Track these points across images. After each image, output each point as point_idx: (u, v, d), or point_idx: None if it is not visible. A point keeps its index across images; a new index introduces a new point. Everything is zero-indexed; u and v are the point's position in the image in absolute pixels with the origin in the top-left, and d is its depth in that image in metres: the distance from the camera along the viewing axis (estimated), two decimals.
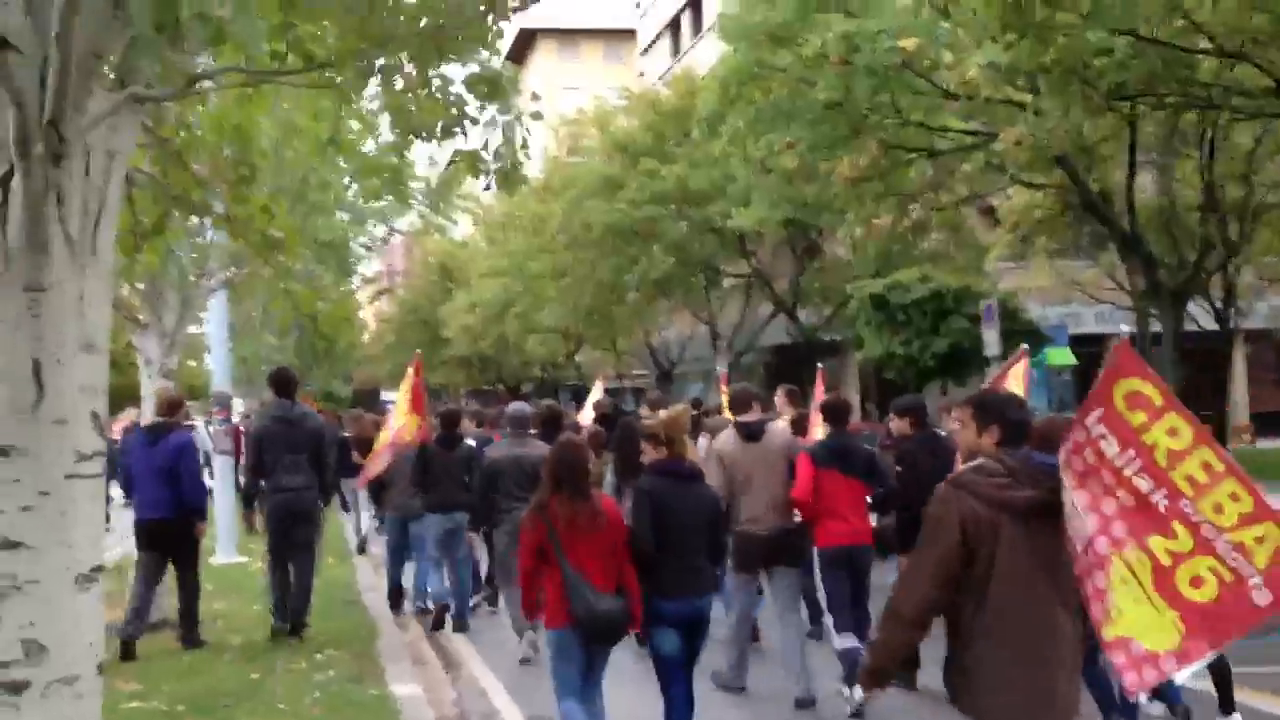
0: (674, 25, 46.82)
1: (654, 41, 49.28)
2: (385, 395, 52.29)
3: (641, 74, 49.97)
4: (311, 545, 10.19)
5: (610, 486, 8.99)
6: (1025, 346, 10.97)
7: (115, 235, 4.16)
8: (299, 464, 9.91)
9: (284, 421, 9.98)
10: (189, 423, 14.29)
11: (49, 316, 3.73)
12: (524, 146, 5.72)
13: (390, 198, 14.27)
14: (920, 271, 22.05)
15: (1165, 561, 3.76)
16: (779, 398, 11.47)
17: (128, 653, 9.36)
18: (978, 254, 25.67)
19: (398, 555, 12.08)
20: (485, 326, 42.93)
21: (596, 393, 18.04)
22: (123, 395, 15.47)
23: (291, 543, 10.04)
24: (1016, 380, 9.74)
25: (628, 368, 45.37)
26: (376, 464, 11.96)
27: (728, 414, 10.27)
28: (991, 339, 19.73)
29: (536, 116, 5.92)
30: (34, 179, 3.59)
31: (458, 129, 5.42)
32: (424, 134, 5.36)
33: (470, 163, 5.55)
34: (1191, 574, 3.73)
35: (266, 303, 21.79)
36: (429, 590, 11.56)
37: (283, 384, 10.25)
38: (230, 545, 15.94)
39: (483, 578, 12.35)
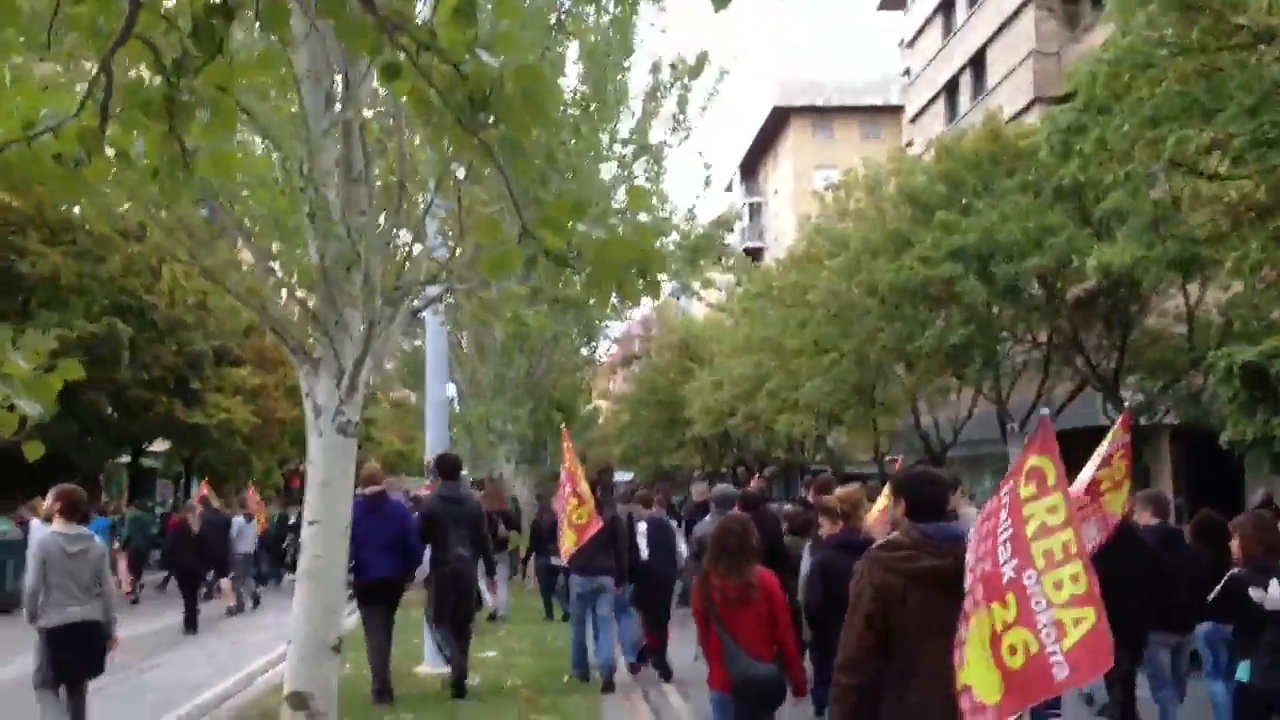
0: (950, 88, 43.41)
1: (926, 106, 45.77)
2: (620, 476, 51.12)
3: (910, 143, 46.41)
4: (473, 612, 11.84)
5: (808, 564, 8.91)
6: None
7: None
8: (464, 539, 11.21)
9: (452, 501, 11.38)
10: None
11: None
12: None
13: None
14: None
15: (998, 627, 4.21)
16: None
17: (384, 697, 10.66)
18: None
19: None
20: (732, 405, 40.41)
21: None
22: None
23: (461, 609, 11.34)
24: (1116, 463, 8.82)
25: (884, 451, 41.32)
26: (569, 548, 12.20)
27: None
28: None
29: None
30: None
31: None
32: None
33: None
34: (1010, 642, 4.17)
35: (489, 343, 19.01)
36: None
37: (450, 468, 11.69)
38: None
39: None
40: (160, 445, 38.31)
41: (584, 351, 28.77)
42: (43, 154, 2.49)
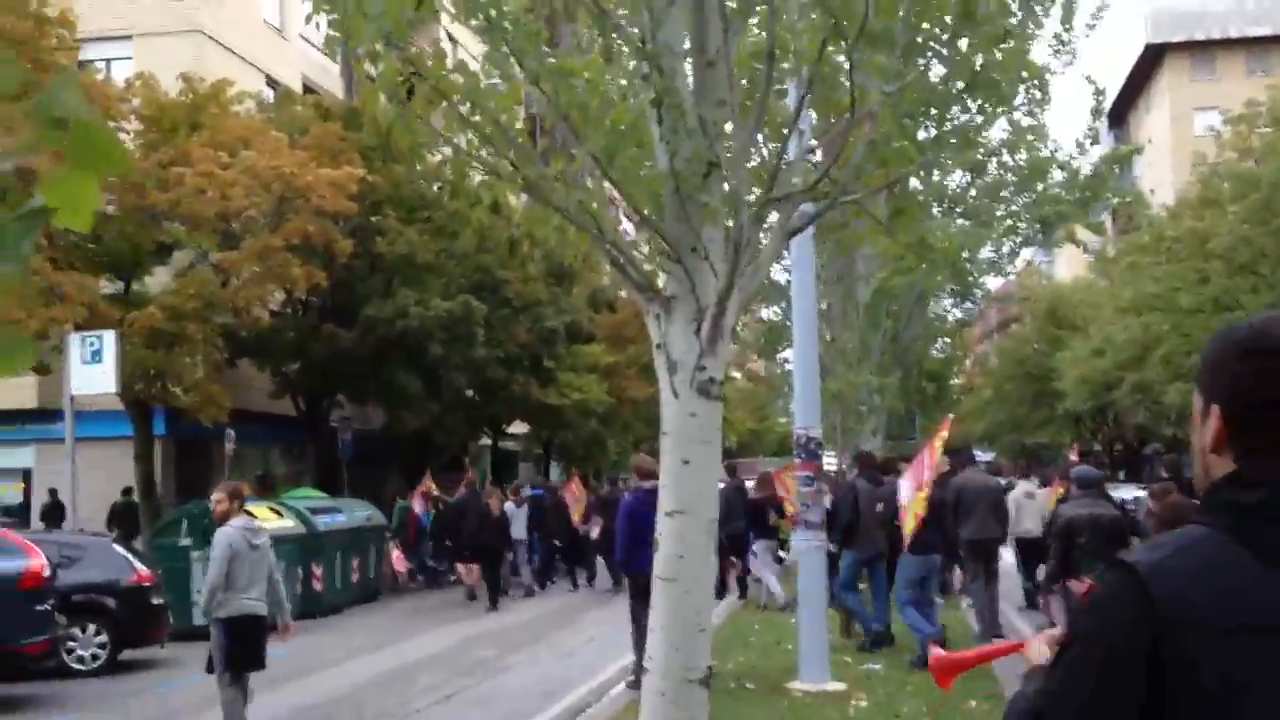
0: None
1: None
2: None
3: None
4: None
5: None
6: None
7: None
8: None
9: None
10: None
11: None
12: None
13: None
14: None
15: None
16: None
17: None
18: None
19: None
20: (1116, 375, 37.16)
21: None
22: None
23: None
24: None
25: None
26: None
27: None
28: None
29: None
30: None
31: None
32: None
33: None
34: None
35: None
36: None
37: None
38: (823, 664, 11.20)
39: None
40: (519, 427, 38.67)
41: (956, 313, 26.15)
42: None
